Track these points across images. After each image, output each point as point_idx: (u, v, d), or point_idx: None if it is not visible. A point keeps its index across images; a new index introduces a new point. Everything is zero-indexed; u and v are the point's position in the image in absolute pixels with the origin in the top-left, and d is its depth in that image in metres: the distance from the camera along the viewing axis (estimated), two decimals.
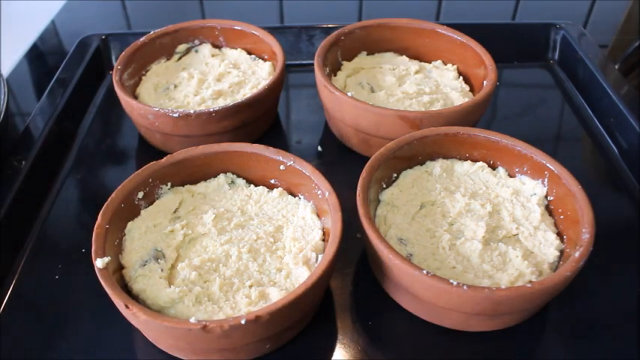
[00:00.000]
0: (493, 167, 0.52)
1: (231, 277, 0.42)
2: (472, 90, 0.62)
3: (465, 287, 0.38)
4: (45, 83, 0.68)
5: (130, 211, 0.46)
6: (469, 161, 0.52)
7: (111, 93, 0.67)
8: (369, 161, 0.47)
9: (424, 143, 0.50)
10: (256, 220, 0.47)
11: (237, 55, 0.67)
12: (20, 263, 0.50)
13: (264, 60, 0.66)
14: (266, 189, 0.50)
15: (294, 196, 0.50)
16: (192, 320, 0.36)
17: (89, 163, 0.60)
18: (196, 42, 0.68)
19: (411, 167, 0.51)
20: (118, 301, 0.38)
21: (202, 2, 0.91)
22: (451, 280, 0.38)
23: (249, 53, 0.67)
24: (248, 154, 0.49)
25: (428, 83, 0.62)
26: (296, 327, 0.43)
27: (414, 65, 0.65)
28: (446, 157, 0.52)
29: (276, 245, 0.45)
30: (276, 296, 0.40)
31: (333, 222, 0.42)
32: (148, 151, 0.61)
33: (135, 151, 0.62)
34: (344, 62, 0.65)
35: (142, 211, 0.47)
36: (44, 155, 0.59)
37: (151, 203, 0.48)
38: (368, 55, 0.67)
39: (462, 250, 0.44)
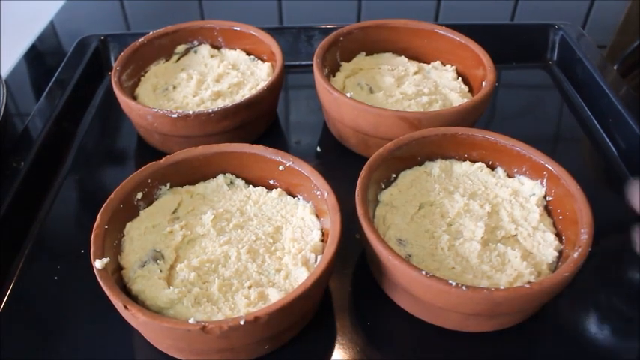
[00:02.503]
0: (492, 168, 0.52)
1: (230, 277, 0.42)
2: (471, 90, 0.62)
3: (463, 288, 0.38)
4: (44, 84, 0.68)
5: (128, 211, 0.46)
6: (468, 162, 0.52)
7: (110, 94, 0.67)
8: (368, 162, 0.47)
9: (423, 144, 0.50)
10: (255, 221, 0.47)
11: (236, 55, 0.67)
12: (19, 264, 0.50)
13: (263, 61, 0.66)
14: (265, 190, 0.50)
15: (293, 196, 0.50)
16: (191, 321, 0.36)
17: (88, 164, 0.60)
18: (195, 43, 0.68)
19: (409, 168, 0.51)
20: (117, 301, 0.38)
21: (201, 3, 0.91)
22: (450, 281, 0.38)
23: (248, 54, 0.67)
24: (247, 154, 0.49)
25: (427, 84, 0.62)
26: (295, 327, 0.43)
27: (413, 66, 0.65)
28: (445, 157, 0.52)
29: (275, 246, 0.45)
30: (275, 297, 0.40)
31: (332, 222, 0.42)
32: (147, 151, 0.61)
33: (134, 152, 0.62)
34: (343, 63, 0.65)
35: (141, 212, 0.47)
36: (43, 156, 0.59)
37: (150, 204, 0.48)
38: (367, 55, 0.67)
39: (460, 250, 0.44)
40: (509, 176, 0.51)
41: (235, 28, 0.67)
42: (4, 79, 0.62)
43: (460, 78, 0.63)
